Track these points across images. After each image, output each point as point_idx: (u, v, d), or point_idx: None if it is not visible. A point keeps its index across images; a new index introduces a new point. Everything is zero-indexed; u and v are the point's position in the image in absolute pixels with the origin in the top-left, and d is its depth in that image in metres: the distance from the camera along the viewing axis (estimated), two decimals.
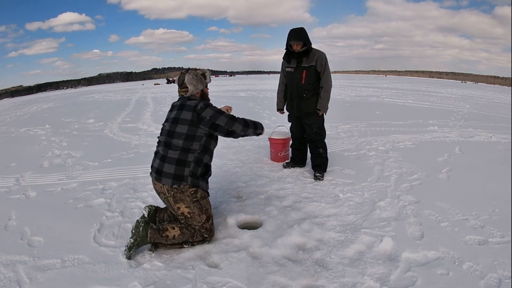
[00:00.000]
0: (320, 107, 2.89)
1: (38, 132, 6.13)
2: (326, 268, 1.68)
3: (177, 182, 1.81)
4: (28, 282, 1.59)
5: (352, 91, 16.12)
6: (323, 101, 2.88)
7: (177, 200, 1.84)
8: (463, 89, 23.07)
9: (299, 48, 2.79)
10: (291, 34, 2.77)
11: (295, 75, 2.89)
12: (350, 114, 7.27)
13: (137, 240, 1.77)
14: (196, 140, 1.85)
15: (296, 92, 2.93)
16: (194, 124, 1.84)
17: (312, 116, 2.95)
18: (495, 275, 1.58)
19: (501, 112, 8.47)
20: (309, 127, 2.99)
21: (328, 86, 2.87)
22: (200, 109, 1.85)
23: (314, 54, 2.83)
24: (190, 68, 2.10)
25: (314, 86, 2.89)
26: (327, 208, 2.37)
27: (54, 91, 75.35)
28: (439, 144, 4.45)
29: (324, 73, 2.84)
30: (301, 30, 2.78)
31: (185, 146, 1.83)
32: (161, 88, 24.80)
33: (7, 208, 2.49)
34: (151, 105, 10.64)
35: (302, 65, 2.85)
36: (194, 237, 1.86)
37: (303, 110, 2.95)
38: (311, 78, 2.85)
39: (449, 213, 2.26)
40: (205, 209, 1.90)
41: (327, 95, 2.89)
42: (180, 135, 1.84)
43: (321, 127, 2.99)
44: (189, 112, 1.86)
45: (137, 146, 4.56)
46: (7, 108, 14.35)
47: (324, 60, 2.84)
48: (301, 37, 2.75)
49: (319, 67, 2.83)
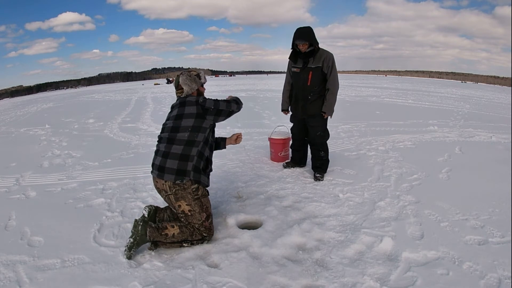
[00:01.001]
0: (325, 110, 2.82)
1: (38, 132, 6.13)
2: (326, 268, 1.68)
3: (179, 177, 1.83)
4: (28, 282, 1.59)
5: (352, 91, 16.12)
6: (329, 104, 2.81)
7: (179, 197, 1.86)
8: (463, 89, 23.07)
9: (305, 48, 2.72)
10: (297, 34, 2.69)
11: (301, 76, 2.82)
12: (350, 114, 7.27)
13: (137, 239, 1.78)
14: (202, 131, 1.92)
15: (302, 94, 2.87)
16: (200, 116, 1.92)
17: (317, 118, 2.89)
18: (495, 275, 1.58)
19: (501, 112, 8.47)
20: (313, 129, 2.93)
21: (335, 88, 2.80)
22: (202, 101, 1.95)
23: (321, 55, 2.75)
24: (185, 70, 2.16)
25: (320, 88, 2.82)
26: (327, 208, 2.37)
27: (54, 91, 75.35)
28: (439, 144, 4.45)
29: (331, 75, 2.77)
30: (307, 29, 2.69)
31: (191, 138, 1.88)
32: (161, 88, 24.80)
33: (7, 208, 2.49)
34: (151, 105, 10.64)
35: (308, 65, 2.77)
36: (193, 236, 1.87)
37: (308, 112, 2.88)
38: (317, 79, 2.78)
39: (449, 213, 2.26)
40: (206, 207, 1.93)
41: (334, 97, 2.82)
42: (186, 128, 1.89)
43: (325, 129, 2.94)
44: (193, 106, 1.93)
45: (137, 146, 4.56)
46: (7, 108, 14.35)
47: (332, 61, 2.75)
48: (307, 37, 2.66)
49: (325, 68, 2.75)
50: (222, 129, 5.38)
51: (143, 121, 6.99)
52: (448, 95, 14.90)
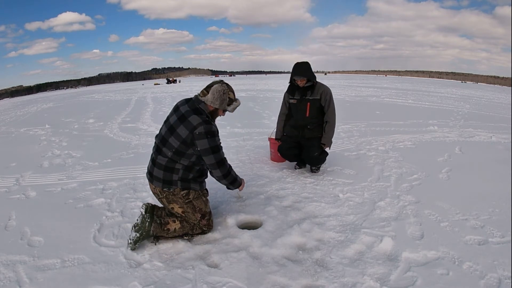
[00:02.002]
0: (325, 142, 2.88)
1: (38, 132, 6.13)
2: (326, 268, 1.68)
3: (167, 186, 1.86)
4: (28, 282, 1.59)
5: (352, 91, 16.13)
6: (328, 135, 2.88)
7: (170, 201, 1.90)
8: (463, 89, 23.07)
9: (303, 84, 2.82)
10: (296, 69, 2.78)
11: (299, 107, 2.89)
12: (350, 114, 7.27)
13: (143, 234, 1.82)
14: (186, 157, 1.83)
15: (301, 124, 2.94)
16: (185, 144, 1.78)
17: (314, 140, 2.91)
18: (495, 275, 1.58)
19: (501, 112, 8.47)
20: (311, 149, 2.90)
21: (334, 121, 2.89)
22: (198, 134, 1.75)
23: (319, 88, 2.85)
24: (227, 84, 1.92)
25: (319, 119, 2.91)
26: (327, 208, 2.37)
27: (54, 91, 75.37)
28: (439, 144, 4.45)
29: (329, 109, 2.86)
30: (306, 66, 2.79)
31: (173, 158, 1.83)
32: (161, 88, 24.81)
33: (7, 208, 2.49)
34: (151, 105, 10.64)
35: (306, 97, 2.86)
36: (193, 230, 1.94)
37: (306, 136, 2.94)
38: (316, 111, 2.87)
39: (449, 213, 2.26)
40: (199, 208, 1.94)
41: (333, 130, 2.90)
42: (171, 147, 1.81)
43: (322, 152, 2.93)
44: (186, 130, 1.76)
45: (137, 146, 4.56)
46: (7, 108, 14.35)
47: (329, 95, 2.86)
48: (306, 73, 2.77)
49: (323, 101, 2.85)
50: (222, 129, 5.37)
51: (143, 121, 6.99)
52: (448, 95, 14.91)
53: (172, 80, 45.93)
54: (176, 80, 48.54)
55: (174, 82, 44.23)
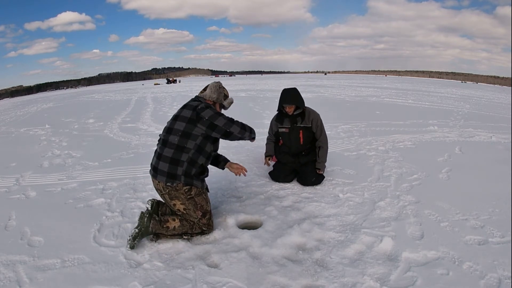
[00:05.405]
0: (319, 167, 2.86)
1: (38, 132, 6.13)
2: (326, 268, 1.68)
3: (170, 180, 1.86)
4: (28, 282, 1.59)
5: (352, 91, 16.12)
6: (322, 160, 2.87)
7: (172, 197, 1.91)
8: (463, 89, 23.07)
9: (292, 111, 2.78)
10: (284, 96, 2.74)
11: (292, 136, 2.85)
12: (350, 114, 7.27)
13: (142, 230, 1.83)
14: (192, 138, 1.87)
15: (295, 152, 2.90)
16: (192, 122, 1.87)
17: (310, 166, 2.87)
18: (495, 275, 1.58)
19: (501, 112, 8.47)
20: (308, 175, 2.84)
21: (327, 146, 2.89)
22: (200, 108, 1.89)
23: (309, 115, 2.81)
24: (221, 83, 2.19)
25: (312, 144, 2.91)
26: (327, 208, 2.37)
27: (54, 91, 75.38)
28: (439, 144, 4.45)
29: (322, 135, 2.86)
30: (294, 93, 2.75)
31: (180, 143, 1.86)
32: (161, 88, 24.81)
33: (7, 208, 2.49)
34: (151, 105, 10.65)
35: (297, 124, 2.82)
36: (193, 229, 1.94)
37: (301, 161, 2.90)
38: (308, 138, 2.85)
39: (449, 213, 2.26)
40: (200, 205, 1.95)
41: (326, 154, 2.89)
42: (177, 131, 1.88)
43: (319, 176, 2.89)
44: (190, 110, 1.91)
45: (137, 146, 4.56)
46: (7, 108, 14.36)
47: (320, 122, 2.84)
48: (295, 100, 2.73)
49: (314, 128, 2.83)
50: None
51: (143, 121, 6.99)
52: (448, 95, 14.90)
53: (172, 80, 45.93)
54: (176, 80, 48.53)
55: (174, 82, 44.23)
